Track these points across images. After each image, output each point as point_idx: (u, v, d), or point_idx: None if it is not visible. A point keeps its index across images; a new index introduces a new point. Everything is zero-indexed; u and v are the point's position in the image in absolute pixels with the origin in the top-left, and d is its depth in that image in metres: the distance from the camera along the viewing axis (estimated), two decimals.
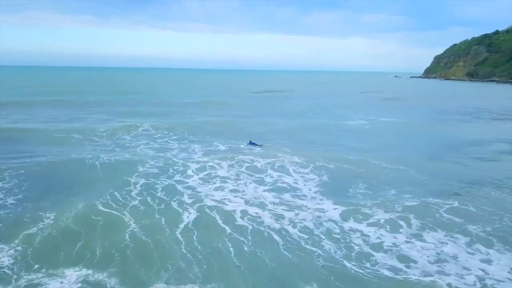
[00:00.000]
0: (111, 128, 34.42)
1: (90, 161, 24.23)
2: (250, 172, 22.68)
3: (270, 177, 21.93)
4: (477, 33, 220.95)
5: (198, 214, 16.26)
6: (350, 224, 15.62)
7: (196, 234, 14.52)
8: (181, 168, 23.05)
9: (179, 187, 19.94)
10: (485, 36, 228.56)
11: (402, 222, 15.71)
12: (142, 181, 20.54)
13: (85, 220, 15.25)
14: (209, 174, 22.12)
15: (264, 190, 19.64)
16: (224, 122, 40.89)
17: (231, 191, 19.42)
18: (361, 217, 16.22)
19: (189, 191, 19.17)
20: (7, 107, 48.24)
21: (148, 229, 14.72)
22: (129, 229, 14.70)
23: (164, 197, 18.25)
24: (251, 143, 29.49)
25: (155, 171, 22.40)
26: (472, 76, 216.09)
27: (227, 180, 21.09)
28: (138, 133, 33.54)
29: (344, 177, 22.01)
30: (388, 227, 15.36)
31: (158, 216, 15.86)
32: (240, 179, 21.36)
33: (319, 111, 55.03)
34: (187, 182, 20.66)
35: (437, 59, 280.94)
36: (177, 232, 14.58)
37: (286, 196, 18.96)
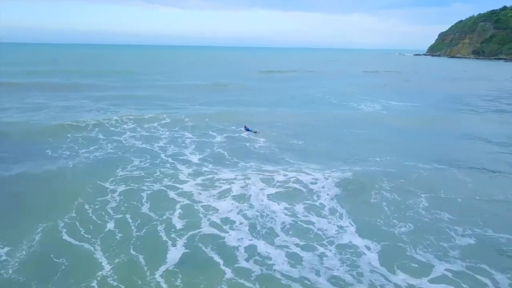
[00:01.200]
0: (97, 119, 29.65)
1: (64, 161, 20.19)
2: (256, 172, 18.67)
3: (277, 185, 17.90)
4: (481, 10, 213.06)
5: (188, 249, 12.22)
6: (401, 278, 10.86)
7: (184, 278, 10.64)
8: (171, 171, 19.02)
9: (171, 194, 16.05)
10: (492, 12, 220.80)
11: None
12: (122, 188, 16.61)
13: (40, 263, 11.30)
14: (208, 178, 18.11)
15: (271, 198, 15.67)
16: (230, 113, 35.76)
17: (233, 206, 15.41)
18: (414, 266, 11.51)
19: (183, 202, 15.29)
20: None
21: (124, 272, 10.81)
22: (100, 272, 10.78)
23: (149, 214, 14.33)
24: (246, 129, 28.06)
25: (141, 173, 18.43)
26: (478, 54, 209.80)
27: (229, 186, 17.11)
28: (128, 126, 29.09)
29: (368, 190, 17.29)
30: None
31: (135, 253, 11.83)
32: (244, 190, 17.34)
33: (328, 95, 50.24)
34: (181, 188, 16.72)
35: (442, 36, 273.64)
36: (159, 276, 10.68)
37: (300, 211, 14.93)
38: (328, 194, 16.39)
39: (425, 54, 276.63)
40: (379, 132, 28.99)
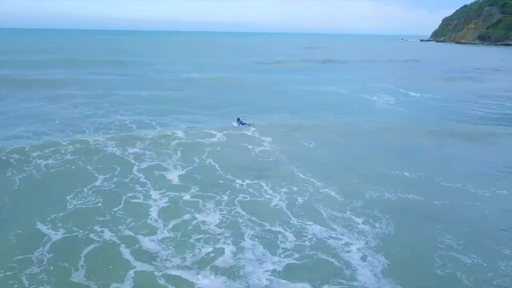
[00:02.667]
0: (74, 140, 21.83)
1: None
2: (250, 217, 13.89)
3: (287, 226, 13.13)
4: None
5: None
6: None
7: None
8: (135, 209, 14.23)
9: (125, 254, 11.28)
10: None
11: None
12: (62, 231, 11.91)
13: None
14: (183, 222, 13.31)
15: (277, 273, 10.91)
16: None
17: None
18: None
19: (139, 269, 10.52)
20: None
21: None
22: None
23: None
24: (240, 122, 25.30)
25: (95, 202, 13.66)
26: (483, 39, 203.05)
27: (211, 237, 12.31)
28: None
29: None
30: None
31: None
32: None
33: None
34: (140, 248, 11.84)
35: (446, 21, 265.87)
36: None
37: None
38: None
39: (428, 40, 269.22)
40: None
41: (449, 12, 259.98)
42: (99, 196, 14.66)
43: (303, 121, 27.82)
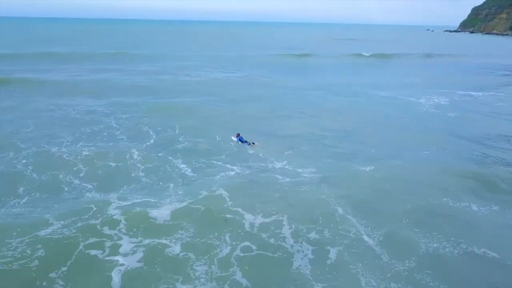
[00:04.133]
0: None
1: None
2: None
3: None
4: None
5: None
6: None
7: None
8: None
9: None
10: None
11: None
12: None
13: None
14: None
15: None
16: None
17: None
18: None
19: None
20: None
21: None
22: None
23: None
24: (240, 138, 20.50)
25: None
26: None
27: None
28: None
29: None
30: None
31: None
32: None
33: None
34: None
35: (476, 11, 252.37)
36: None
37: None
38: None
39: (456, 31, 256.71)
40: None
41: (479, 1, 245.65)
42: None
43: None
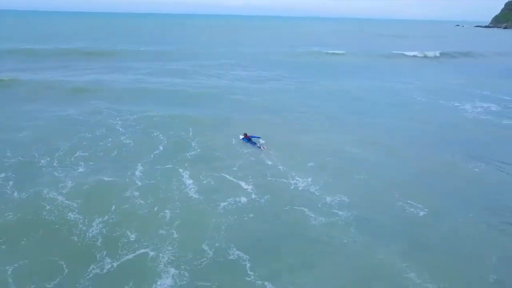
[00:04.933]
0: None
1: None
2: None
3: None
4: None
5: None
6: None
7: None
8: None
9: None
10: None
11: None
12: None
13: None
14: None
15: None
16: None
17: None
18: None
19: None
20: None
21: None
22: None
23: None
24: (245, 139, 19.07)
25: None
26: None
27: None
28: None
29: None
30: None
31: None
32: None
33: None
34: None
35: (510, 5, 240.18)
36: None
37: None
38: None
39: (488, 26, 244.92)
40: None
41: None
42: None
43: None
